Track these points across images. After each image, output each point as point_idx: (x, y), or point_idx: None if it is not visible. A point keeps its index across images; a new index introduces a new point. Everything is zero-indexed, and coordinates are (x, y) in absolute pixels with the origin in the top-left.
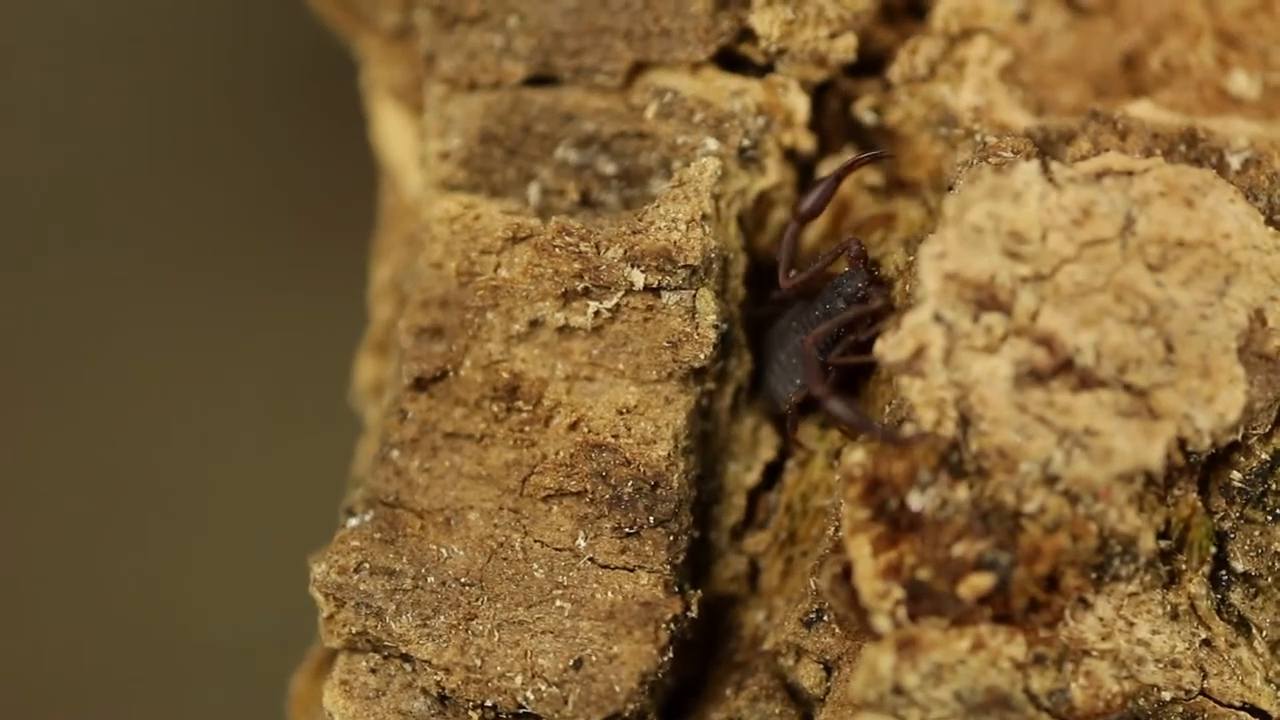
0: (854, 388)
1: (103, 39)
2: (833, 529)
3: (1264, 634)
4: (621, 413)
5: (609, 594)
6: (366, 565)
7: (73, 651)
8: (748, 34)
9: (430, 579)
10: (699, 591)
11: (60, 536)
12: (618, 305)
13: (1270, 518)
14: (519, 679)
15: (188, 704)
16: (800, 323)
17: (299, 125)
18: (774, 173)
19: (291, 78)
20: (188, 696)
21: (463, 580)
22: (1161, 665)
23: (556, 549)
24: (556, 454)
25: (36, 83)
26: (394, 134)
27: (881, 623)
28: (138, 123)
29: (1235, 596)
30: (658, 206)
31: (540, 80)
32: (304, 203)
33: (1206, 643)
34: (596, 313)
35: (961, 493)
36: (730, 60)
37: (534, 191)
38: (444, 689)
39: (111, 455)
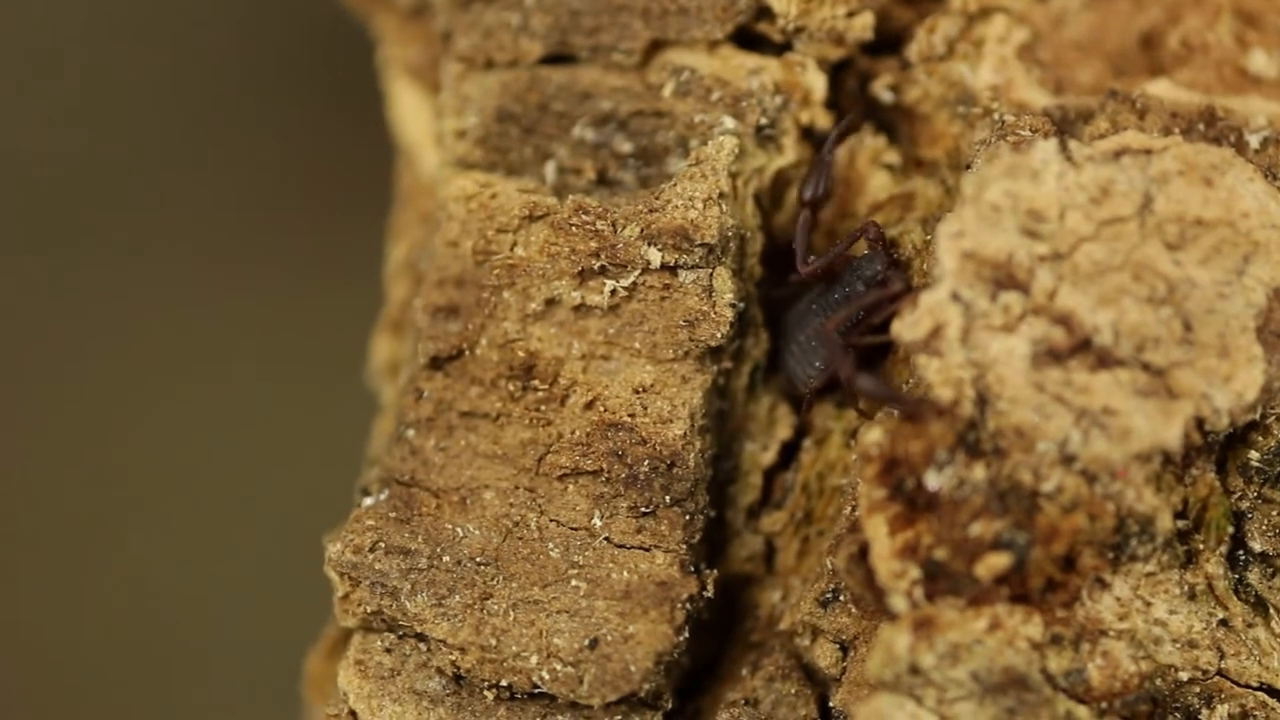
0: (872, 369)
1: (116, 20)
2: (849, 508)
3: None
4: (638, 392)
5: (625, 573)
6: (382, 544)
7: (90, 630)
8: (765, 12)
9: (445, 558)
10: (715, 571)
11: (78, 518)
12: (634, 284)
13: None
14: (534, 658)
15: (203, 683)
16: (820, 305)
17: (314, 104)
18: (791, 151)
19: (306, 56)
20: (203, 675)
21: (478, 559)
22: (1179, 645)
23: (572, 528)
24: (572, 433)
25: (46, 67)
26: (410, 112)
27: (898, 602)
28: (149, 104)
29: (1253, 576)
30: (675, 185)
31: (557, 59)
32: (320, 181)
33: (1224, 623)
34: (613, 291)
35: (979, 472)
36: (748, 39)
37: (550, 170)
38: (459, 668)
39: (128, 438)
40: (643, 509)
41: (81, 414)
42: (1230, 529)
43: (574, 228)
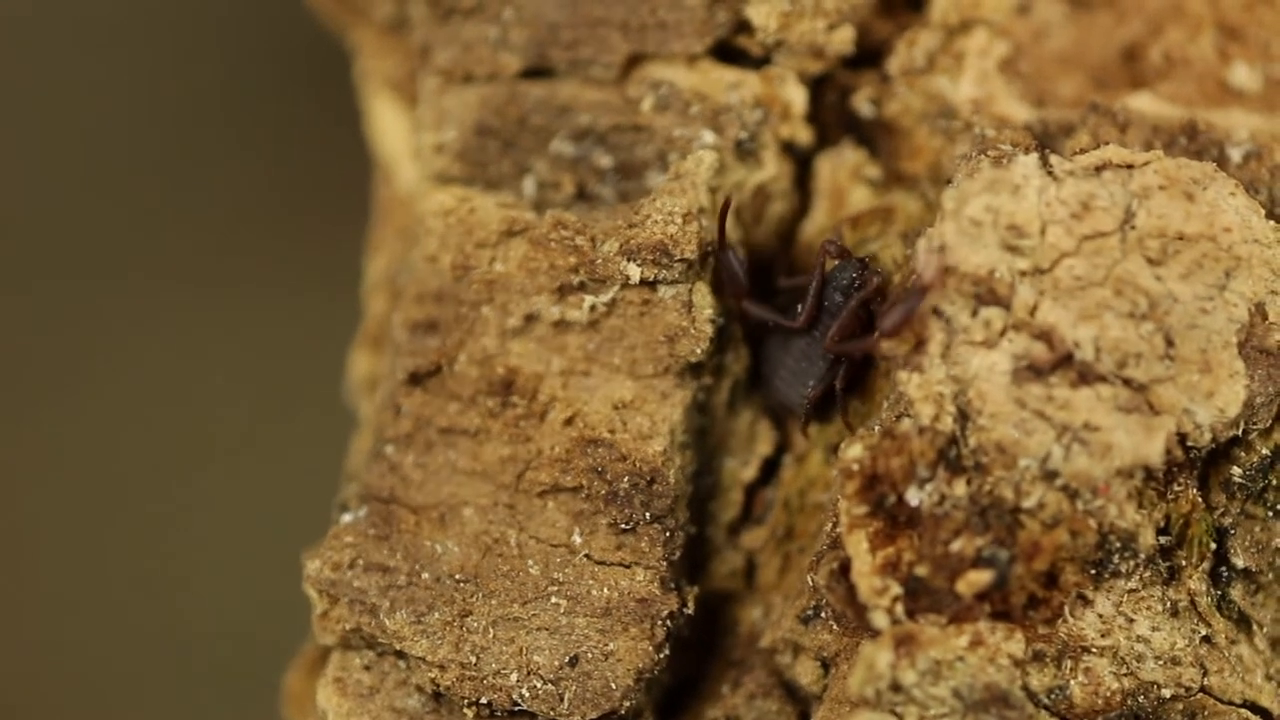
0: (860, 380)
1: (96, 32)
2: (830, 525)
3: (1264, 630)
4: (617, 408)
5: (605, 590)
6: (360, 561)
7: (67, 648)
8: (744, 26)
9: (425, 575)
10: (696, 588)
11: (56, 534)
12: (614, 299)
13: (1271, 513)
14: (514, 676)
15: (181, 701)
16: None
17: (291, 118)
18: (771, 165)
19: (284, 70)
20: (181, 693)
21: (457, 577)
22: (1161, 662)
23: (552, 545)
24: (552, 449)
25: (29, 77)
26: (388, 126)
27: (879, 619)
28: (127, 117)
29: (1235, 593)
30: (654, 200)
31: (536, 73)
32: (296, 197)
33: (1207, 639)
34: (592, 307)
35: (960, 488)
36: (727, 52)
37: (529, 185)
38: (439, 686)
39: (105, 453)
40: (623, 525)
41: (54, 429)
42: (1213, 545)
43: (553, 243)
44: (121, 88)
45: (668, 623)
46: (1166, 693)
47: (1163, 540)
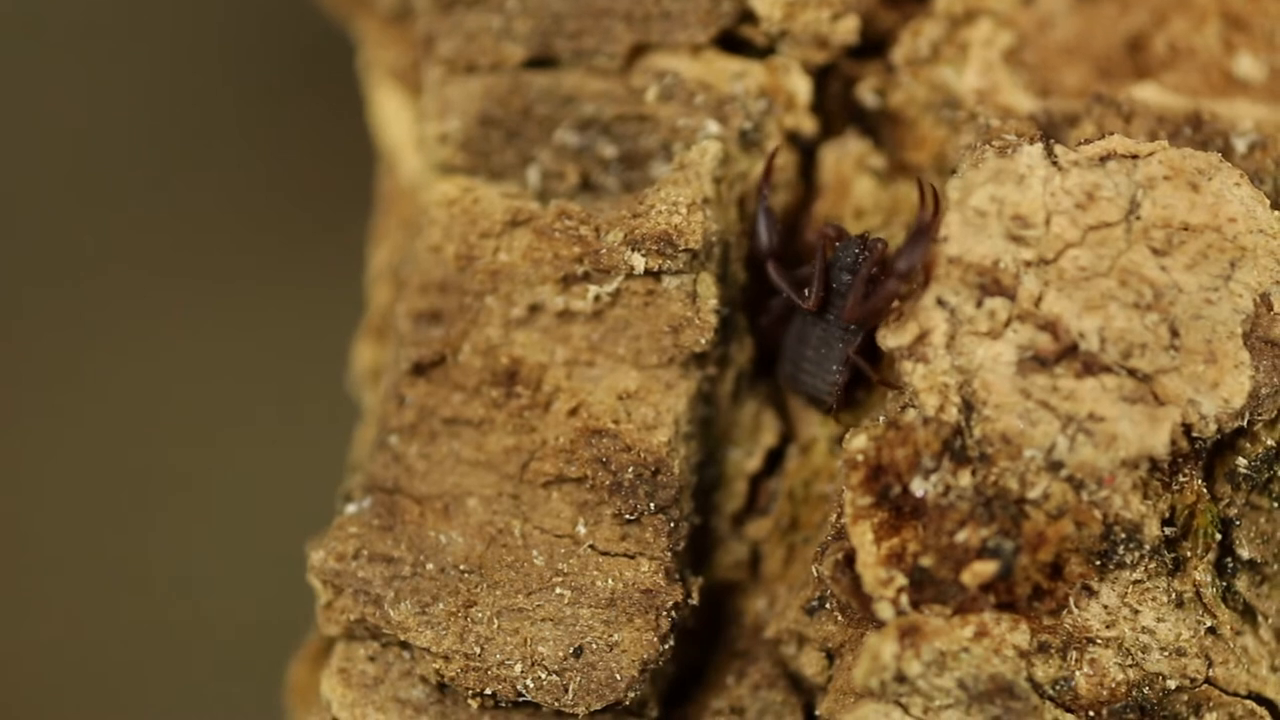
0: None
1: (96, 31)
2: (835, 515)
3: (1269, 621)
4: (622, 398)
5: (609, 581)
6: (365, 552)
7: (72, 639)
8: (749, 16)
9: (429, 566)
10: (700, 579)
11: (60, 525)
12: (618, 289)
13: (1276, 504)
14: (519, 667)
15: (185, 691)
16: (814, 314)
17: (294, 108)
18: (776, 156)
19: (287, 59)
20: (185, 684)
21: (462, 567)
22: (1166, 653)
23: (556, 536)
24: (556, 440)
25: (26, 74)
26: (391, 116)
27: (884, 610)
28: (128, 109)
29: (1241, 584)
30: (658, 190)
31: (540, 62)
32: (300, 187)
33: (1212, 630)
34: (596, 297)
35: (965, 479)
36: (731, 42)
37: (533, 174)
38: (443, 677)
39: (109, 444)
40: (627, 516)
41: (58, 422)
42: (1218, 536)
43: (557, 233)
44: (123, 79)
45: (672, 613)
46: (1171, 684)
47: (1168, 531)
